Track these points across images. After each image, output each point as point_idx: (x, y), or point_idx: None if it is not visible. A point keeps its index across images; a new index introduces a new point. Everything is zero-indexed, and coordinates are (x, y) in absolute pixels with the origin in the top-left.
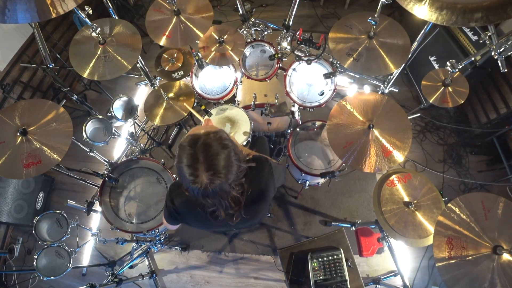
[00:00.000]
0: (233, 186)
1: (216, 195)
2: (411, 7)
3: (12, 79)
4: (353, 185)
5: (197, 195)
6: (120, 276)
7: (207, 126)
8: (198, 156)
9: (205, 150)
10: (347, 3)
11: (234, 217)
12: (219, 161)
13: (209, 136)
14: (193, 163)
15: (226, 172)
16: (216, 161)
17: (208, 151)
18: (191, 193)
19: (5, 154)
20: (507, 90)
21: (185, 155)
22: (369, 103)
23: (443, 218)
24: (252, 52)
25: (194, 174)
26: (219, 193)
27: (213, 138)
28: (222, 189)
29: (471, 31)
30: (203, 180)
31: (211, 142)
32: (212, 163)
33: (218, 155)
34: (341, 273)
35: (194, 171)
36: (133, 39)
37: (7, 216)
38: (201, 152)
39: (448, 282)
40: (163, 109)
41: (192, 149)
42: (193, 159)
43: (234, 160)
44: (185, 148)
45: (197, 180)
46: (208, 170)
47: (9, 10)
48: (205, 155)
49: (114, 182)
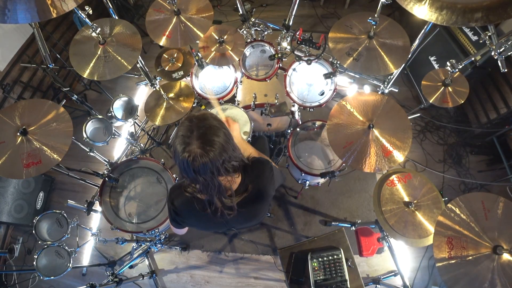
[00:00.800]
0: (225, 167)
1: (206, 171)
2: (411, 7)
3: (12, 79)
4: (353, 185)
5: (187, 168)
6: (120, 276)
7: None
8: (193, 128)
9: (200, 124)
10: (347, 3)
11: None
12: (212, 135)
13: (206, 113)
14: (188, 133)
15: (219, 147)
16: (209, 134)
17: (203, 125)
18: (181, 167)
19: (5, 154)
20: (507, 90)
21: (182, 128)
22: (369, 103)
23: (443, 218)
24: (252, 52)
25: (186, 142)
26: (210, 169)
27: (209, 116)
28: (213, 164)
29: (471, 31)
30: (194, 149)
31: (208, 117)
32: (206, 134)
33: (213, 129)
34: (341, 273)
35: (187, 139)
36: (133, 39)
37: (7, 216)
38: (196, 125)
39: (448, 282)
40: (164, 109)
41: (189, 122)
42: (188, 130)
43: (230, 140)
44: (182, 123)
45: (187, 148)
46: (199, 139)
47: (9, 10)
48: (199, 127)
49: (114, 182)
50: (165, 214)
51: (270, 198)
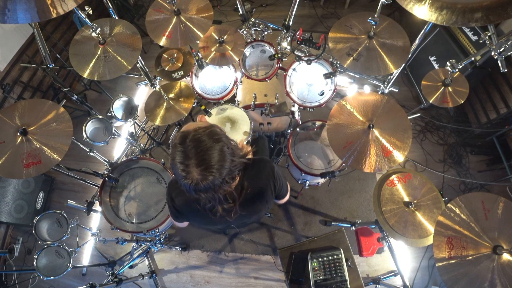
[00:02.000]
0: (226, 180)
1: (209, 190)
2: (411, 7)
3: (12, 79)
4: (353, 185)
5: (190, 191)
6: (120, 276)
7: (198, 122)
8: (188, 153)
9: (195, 146)
10: (347, 3)
11: (232, 213)
12: (210, 156)
13: (199, 131)
14: (184, 159)
15: (218, 167)
16: (207, 156)
17: (198, 146)
18: (184, 189)
19: (5, 154)
20: (507, 90)
21: (177, 152)
22: (369, 103)
23: (443, 218)
24: (252, 52)
25: (186, 170)
26: (212, 188)
27: (202, 133)
28: (214, 184)
29: (471, 31)
30: (194, 176)
31: (201, 137)
32: (203, 158)
33: (209, 150)
34: (341, 273)
35: (185, 167)
36: (133, 39)
37: (7, 216)
38: (191, 148)
39: (448, 282)
40: (164, 109)
41: (182, 146)
42: (184, 155)
43: (227, 154)
44: (176, 146)
45: (188, 176)
46: (199, 166)
47: (9, 10)
48: (195, 151)
49: (114, 182)
50: (165, 214)
51: (270, 197)
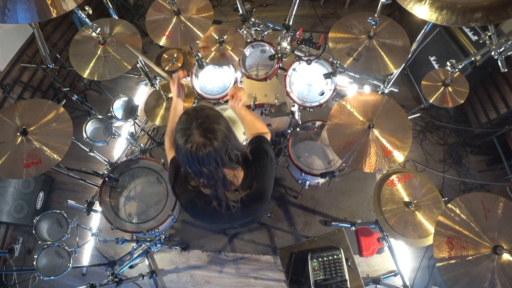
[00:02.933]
0: (230, 157)
1: (211, 160)
2: (411, 7)
3: (12, 79)
4: (353, 185)
5: (191, 160)
6: (120, 276)
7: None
8: (191, 119)
9: (198, 115)
10: (347, 3)
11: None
12: (212, 123)
13: (202, 104)
14: (187, 125)
15: (221, 135)
16: (210, 123)
17: (201, 115)
18: (184, 160)
19: (5, 154)
20: (507, 90)
21: (180, 122)
22: (369, 103)
23: (443, 218)
24: (252, 52)
25: (187, 133)
26: (214, 158)
27: (205, 105)
28: (217, 154)
29: (471, 31)
30: (196, 138)
31: (204, 108)
32: (206, 123)
33: (210, 117)
34: (341, 273)
35: (187, 131)
36: (133, 39)
37: (7, 216)
38: (194, 116)
39: (448, 282)
40: (163, 109)
41: (186, 115)
42: (187, 122)
43: (230, 128)
44: (180, 117)
45: (190, 139)
46: (200, 127)
47: (9, 10)
48: (197, 117)
49: (114, 182)
50: (165, 214)
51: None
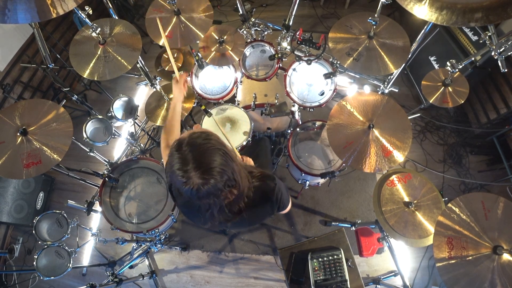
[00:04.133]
0: (228, 185)
1: (210, 196)
2: (411, 7)
3: (12, 79)
4: (353, 185)
5: (192, 197)
6: (120, 276)
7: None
8: (186, 157)
9: (192, 150)
10: (347, 3)
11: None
12: (208, 158)
13: (193, 136)
14: (183, 165)
15: (219, 170)
16: (205, 158)
17: (194, 150)
18: (186, 196)
19: (5, 154)
20: (507, 90)
21: (174, 159)
22: (369, 103)
23: (443, 218)
24: (252, 52)
25: (185, 175)
26: (214, 193)
27: (197, 137)
28: (217, 189)
29: (471, 31)
30: (195, 181)
31: (197, 141)
32: (201, 160)
33: (206, 152)
34: (341, 273)
35: (184, 173)
36: (133, 39)
37: (7, 216)
38: (188, 152)
39: (448, 282)
40: (164, 110)
41: (179, 152)
42: (181, 161)
43: (225, 156)
44: (173, 154)
45: (188, 181)
46: (198, 169)
47: (9, 10)
48: (192, 155)
49: (114, 182)
50: (165, 214)
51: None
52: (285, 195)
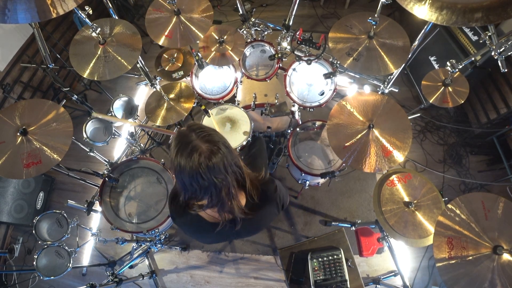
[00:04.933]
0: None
1: (221, 170)
2: (411, 7)
3: (12, 79)
4: (353, 185)
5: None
6: (120, 276)
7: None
8: (190, 137)
9: (196, 131)
10: (347, 3)
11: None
12: (213, 137)
13: (195, 123)
14: (188, 142)
15: (224, 146)
16: (210, 136)
17: (199, 130)
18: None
19: (5, 154)
20: (507, 90)
21: (177, 142)
22: (369, 103)
23: (443, 218)
24: (252, 52)
25: (188, 145)
26: (224, 167)
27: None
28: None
29: (471, 31)
30: (202, 149)
31: (200, 125)
32: (207, 137)
33: (210, 132)
34: (341, 273)
35: (192, 146)
36: (133, 39)
37: (7, 216)
38: (193, 132)
39: (448, 282)
40: (164, 110)
41: (182, 135)
42: (186, 139)
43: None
44: (175, 139)
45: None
46: (205, 142)
47: (9, 10)
48: (197, 133)
49: (114, 182)
50: (165, 214)
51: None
52: (284, 193)
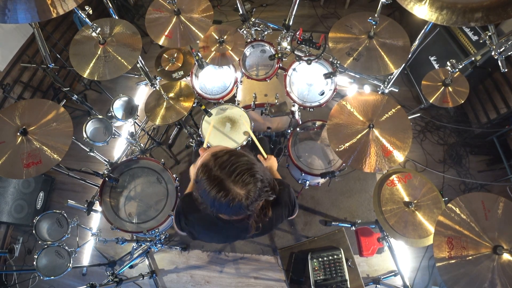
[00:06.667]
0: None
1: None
2: (411, 7)
3: (12, 79)
4: (353, 185)
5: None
6: (120, 276)
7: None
8: (220, 177)
9: (222, 168)
10: (347, 3)
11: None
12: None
13: (217, 155)
14: (221, 185)
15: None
16: (238, 169)
17: (225, 166)
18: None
19: (5, 154)
20: (507, 90)
21: (208, 184)
22: (369, 103)
23: (443, 218)
24: (252, 52)
25: (228, 194)
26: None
27: (221, 154)
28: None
29: (471, 31)
30: (240, 193)
31: (223, 157)
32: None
33: (235, 164)
34: (341, 273)
35: (226, 192)
36: (133, 39)
37: (7, 216)
38: (221, 172)
39: (448, 282)
40: (164, 109)
41: (210, 175)
42: (218, 182)
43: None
44: (203, 180)
45: (234, 197)
46: (236, 183)
47: (9, 10)
48: (226, 172)
49: (114, 182)
50: (165, 214)
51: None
52: (294, 199)
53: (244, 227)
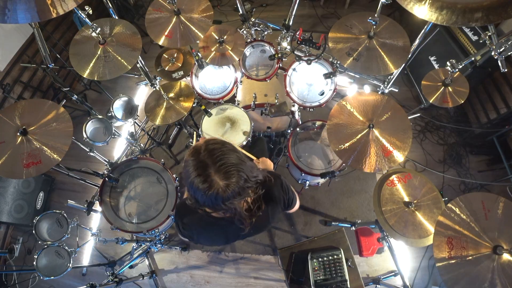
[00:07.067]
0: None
1: (236, 196)
2: (411, 7)
3: (12, 79)
4: (353, 185)
5: (217, 201)
6: (120, 276)
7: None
8: (205, 162)
9: (211, 154)
10: (347, 3)
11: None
12: (227, 160)
13: (210, 141)
14: (203, 170)
15: (238, 169)
16: (225, 160)
17: (213, 154)
18: (209, 203)
19: (5, 154)
20: (507, 90)
21: (192, 166)
22: (369, 103)
23: (443, 218)
24: (252, 52)
25: (207, 180)
26: (238, 192)
27: (213, 142)
28: (240, 188)
29: (471, 31)
30: (218, 183)
31: (214, 145)
32: (221, 163)
33: (224, 154)
34: (341, 273)
35: (206, 177)
36: (133, 39)
37: (7, 216)
38: (207, 157)
39: (448, 282)
40: (164, 109)
41: (197, 158)
42: (201, 166)
43: (243, 157)
44: (189, 162)
45: (212, 185)
46: (218, 171)
47: (9, 10)
48: (212, 159)
49: (114, 182)
50: (165, 214)
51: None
52: (291, 190)
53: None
